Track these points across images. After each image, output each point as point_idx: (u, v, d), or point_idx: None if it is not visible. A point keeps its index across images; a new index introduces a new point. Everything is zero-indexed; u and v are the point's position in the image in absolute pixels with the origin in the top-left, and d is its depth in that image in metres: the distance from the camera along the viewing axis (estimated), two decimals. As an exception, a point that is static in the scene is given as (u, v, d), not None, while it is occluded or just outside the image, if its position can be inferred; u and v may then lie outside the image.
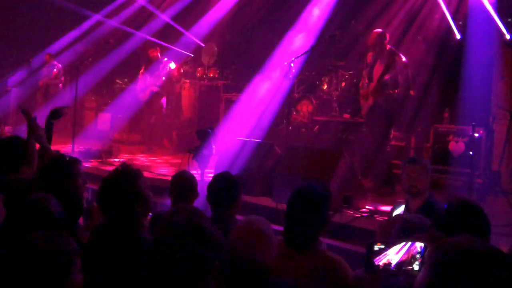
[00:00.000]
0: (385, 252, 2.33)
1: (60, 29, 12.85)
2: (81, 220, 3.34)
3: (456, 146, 7.30)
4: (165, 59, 10.19)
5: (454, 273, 1.42)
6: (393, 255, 2.33)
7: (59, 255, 1.97)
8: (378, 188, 6.70)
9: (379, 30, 6.97)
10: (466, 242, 1.50)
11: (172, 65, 10.18)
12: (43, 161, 3.74)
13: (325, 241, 3.00)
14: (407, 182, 4.02)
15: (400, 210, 4.07)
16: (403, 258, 2.31)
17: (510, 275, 1.41)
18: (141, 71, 10.32)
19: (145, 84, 10.15)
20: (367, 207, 5.84)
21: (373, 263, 2.34)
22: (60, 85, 11.58)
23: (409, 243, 2.31)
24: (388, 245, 2.34)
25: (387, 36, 6.86)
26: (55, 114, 4.31)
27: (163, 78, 10.07)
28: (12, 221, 2.50)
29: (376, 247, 2.35)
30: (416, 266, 2.27)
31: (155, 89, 10.08)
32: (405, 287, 2.24)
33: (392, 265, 2.32)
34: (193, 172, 4.65)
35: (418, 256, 2.29)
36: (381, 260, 2.34)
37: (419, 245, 2.30)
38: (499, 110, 7.33)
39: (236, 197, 3.56)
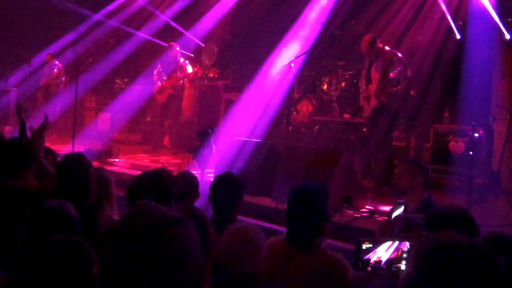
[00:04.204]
0: (375, 250, 2.35)
1: (60, 29, 12.85)
2: None
3: (456, 146, 7.31)
4: (181, 59, 9.89)
5: (436, 267, 1.43)
6: (383, 252, 2.34)
7: (76, 260, 1.94)
8: (378, 188, 6.71)
9: (368, 35, 7.03)
10: (448, 237, 1.51)
11: (189, 68, 9.84)
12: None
13: (326, 241, 3.00)
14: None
15: (400, 210, 4.08)
16: (392, 256, 2.33)
17: (491, 267, 1.42)
18: (156, 70, 9.94)
19: (162, 86, 9.82)
20: (367, 207, 5.84)
21: (361, 261, 2.36)
22: (61, 85, 11.57)
23: (397, 242, 2.33)
24: (376, 244, 2.36)
25: (377, 40, 6.93)
26: (19, 109, 4.29)
27: (181, 81, 9.79)
28: (30, 227, 2.47)
29: (364, 246, 2.38)
30: (403, 266, 2.28)
31: (172, 92, 9.77)
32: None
33: (382, 262, 2.33)
34: (193, 172, 4.66)
35: (405, 255, 2.30)
36: (371, 258, 2.35)
37: (407, 244, 2.31)
38: (499, 110, 7.33)
39: (238, 198, 3.56)
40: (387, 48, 6.93)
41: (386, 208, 5.50)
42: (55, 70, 11.52)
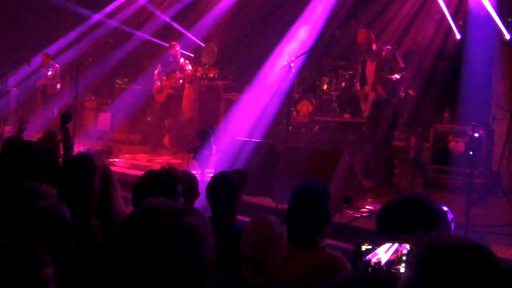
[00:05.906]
0: (374, 252, 2.34)
1: (60, 29, 12.86)
2: None
3: (456, 146, 7.30)
4: (182, 59, 9.86)
5: (435, 270, 1.42)
6: (383, 253, 2.33)
7: (22, 264, 1.87)
8: (378, 188, 6.70)
9: (364, 29, 7.03)
10: (449, 240, 1.50)
11: (189, 67, 9.85)
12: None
13: (325, 241, 3.00)
14: None
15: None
16: (392, 258, 2.32)
17: (494, 271, 1.41)
18: (156, 71, 9.92)
19: (161, 86, 9.80)
20: (367, 207, 5.84)
21: (361, 262, 2.35)
22: (58, 85, 11.54)
23: (396, 244, 2.32)
24: (376, 245, 2.35)
25: (373, 40, 6.94)
26: (67, 118, 4.25)
27: (181, 81, 9.77)
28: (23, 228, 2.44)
29: (363, 247, 2.36)
30: (402, 268, 2.27)
31: (172, 91, 9.75)
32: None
33: (382, 263, 2.32)
34: (193, 172, 4.65)
35: (404, 258, 2.29)
36: (371, 259, 2.35)
37: (407, 247, 2.30)
38: (499, 110, 7.33)
39: (236, 197, 3.53)
40: (377, 47, 6.92)
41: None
42: (51, 70, 11.49)
